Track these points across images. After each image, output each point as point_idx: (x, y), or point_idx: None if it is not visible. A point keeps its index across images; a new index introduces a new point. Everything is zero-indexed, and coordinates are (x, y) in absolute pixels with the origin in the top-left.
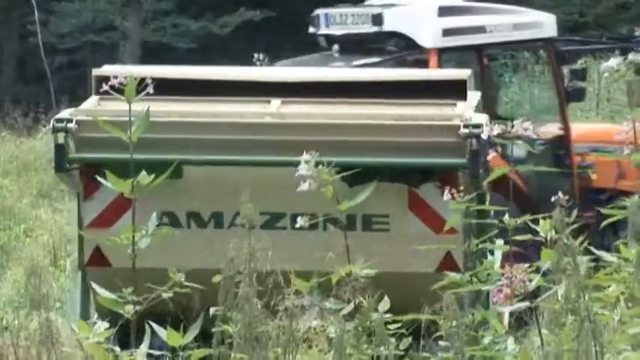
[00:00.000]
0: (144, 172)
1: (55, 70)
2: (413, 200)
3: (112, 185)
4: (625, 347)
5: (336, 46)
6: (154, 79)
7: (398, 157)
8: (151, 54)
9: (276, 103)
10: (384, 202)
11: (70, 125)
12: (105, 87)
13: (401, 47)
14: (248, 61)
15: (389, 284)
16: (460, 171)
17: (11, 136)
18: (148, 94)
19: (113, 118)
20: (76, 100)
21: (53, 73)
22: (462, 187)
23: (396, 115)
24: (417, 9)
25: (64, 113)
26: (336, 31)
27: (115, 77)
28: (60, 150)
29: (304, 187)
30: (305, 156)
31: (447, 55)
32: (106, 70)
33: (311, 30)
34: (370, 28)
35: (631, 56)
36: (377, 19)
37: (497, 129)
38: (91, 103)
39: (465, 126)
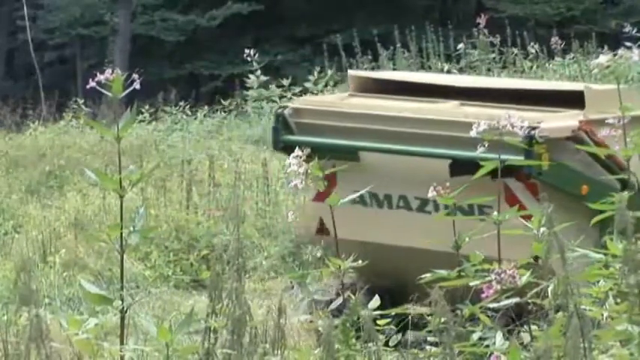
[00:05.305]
0: (131, 166)
1: (44, 65)
2: (507, 193)
3: (98, 180)
4: (613, 343)
5: None
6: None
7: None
8: (140, 48)
9: (452, 104)
10: (489, 194)
11: (285, 112)
12: (92, 83)
13: None
14: (237, 54)
15: None
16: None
17: None
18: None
19: (328, 108)
20: (64, 96)
21: (42, 68)
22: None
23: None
24: None
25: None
26: None
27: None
28: (275, 132)
29: (297, 182)
30: (297, 151)
31: None
32: (360, 72)
33: None
34: None
35: (620, 52)
36: None
37: (481, 126)
38: (338, 97)
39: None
